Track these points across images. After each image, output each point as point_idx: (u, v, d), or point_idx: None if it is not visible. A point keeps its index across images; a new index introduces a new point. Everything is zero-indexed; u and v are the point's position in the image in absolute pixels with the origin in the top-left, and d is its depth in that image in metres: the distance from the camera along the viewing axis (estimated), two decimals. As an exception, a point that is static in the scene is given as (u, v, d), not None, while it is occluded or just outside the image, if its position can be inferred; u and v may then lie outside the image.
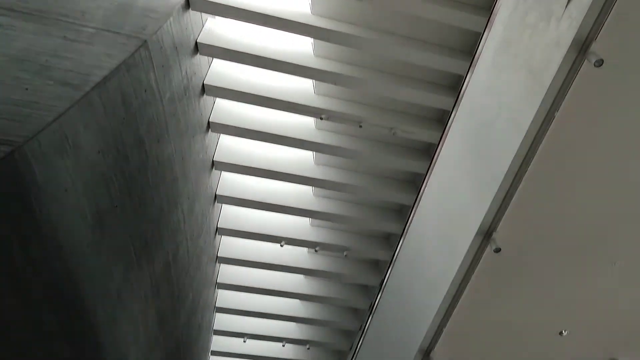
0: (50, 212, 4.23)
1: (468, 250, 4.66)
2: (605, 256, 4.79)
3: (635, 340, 5.50)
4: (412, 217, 6.18)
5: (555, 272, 4.86)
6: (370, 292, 11.92)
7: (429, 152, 9.48)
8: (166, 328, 7.70)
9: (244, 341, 12.65)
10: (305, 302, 12.35)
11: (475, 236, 4.56)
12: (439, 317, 5.18)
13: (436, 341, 5.28)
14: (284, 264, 11.18)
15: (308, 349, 12.98)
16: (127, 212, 5.66)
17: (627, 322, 5.32)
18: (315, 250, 11.07)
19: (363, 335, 7.48)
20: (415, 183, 10.16)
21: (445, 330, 5.19)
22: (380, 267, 11.54)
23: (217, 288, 11.61)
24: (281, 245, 10.82)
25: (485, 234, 4.52)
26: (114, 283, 5.75)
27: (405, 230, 6.35)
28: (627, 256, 4.81)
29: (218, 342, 12.92)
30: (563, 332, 5.30)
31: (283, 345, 12.86)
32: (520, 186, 4.15)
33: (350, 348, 12.65)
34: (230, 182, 10.02)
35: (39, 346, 4.81)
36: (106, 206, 5.20)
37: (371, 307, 7.38)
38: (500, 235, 4.43)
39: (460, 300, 5.02)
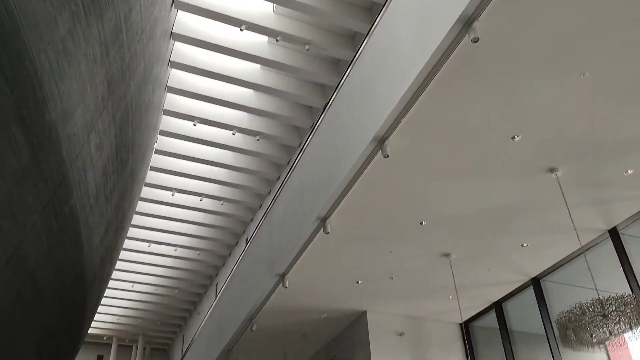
0: None
1: (444, 39, 4.43)
2: (576, 66, 4.70)
3: (576, 152, 5.71)
4: (386, 8, 5.79)
5: (523, 75, 4.76)
6: (327, 92, 11.81)
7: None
8: (115, 94, 7.41)
9: (194, 125, 12.60)
10: (259, 93, 12.18)
11: (454, 24, 4.30)
12: (399, 108, 5.11)
13: (392, 130, 5.28)
14: (242, 51, 10.74)
15: (257, 140, 13.14)
16: (73, -49, 4.99)
17: (573, 133, 5.46)
18: (277, 40, 10.59)
19: (314, 129, 7.47)
20: (391, -20, 9.49)
21: (403, 120, 5.17)
22: (341, 67, 11.29)
23: (170, 67, 11.17)
24: (241, 30, 10.26)
25: (466, 23, 4.26)
26: (58, 33, 5.28)
27: (376, 23, 5.98)
28: (597, 69, 4.74)
29: (167, 123, 12.83)
30: (516, 137, 5.40)
31: (233, 134, 12.93)
32: (516, -29, 3.82)
33: (299, 145, 12.91)
34: (191, -51, 9.05)
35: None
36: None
37: (327, 103, 7.27)
38: (480, 25, 4.19)
39: (424, 92, 4.93)
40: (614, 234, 7.17)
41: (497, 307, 8.96)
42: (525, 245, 7.38)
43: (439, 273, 7.86)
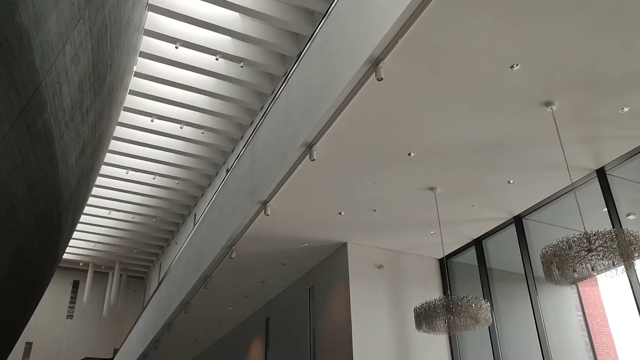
0: None
1: (451, -49, 4.12)
2: (587, -11, 4.44)
3: (574, 85, 5.52)
4: None
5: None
6: (316, 19, 11.35)
7: None
8: (92, 5, 6.93)
9: (176, 47, 12.09)
10: (245, 17, 11.65)
11: None
12: (397, 28, 4.83)
13: (388, 52, 5.01)
14: (229, -31, 10.17)
15: (242, 67, 12.69)
16: None
17: (575, 65, 5.25)
18: (265, -41, 10.03)
19: (304, 51, 7.13)
20: None
21: (400, 41, 4.89)
22: (331, -7, 10.79)
23: (152, -18, 10.57)
24: (228, -55, 9.68)
25: None
26: None
27: None
28: (609, -6, 4.49)
29: (148, 44, 12.28)
30: (515, 66, 5.18)
31: (216, 59, 12.46)
32: None
33: (285, 74, 12.52)
34: None
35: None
36: None
37: (319, 23, 6.90)
38: None
39: (423, 12, 4.64)
40: (601, 174, 7.12)
41: (477, 244, 9.00)
42: (511, 182, 7.30)
43: (423, 207, 7.78)
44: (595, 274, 5.24)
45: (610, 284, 11.59)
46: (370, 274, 8.89)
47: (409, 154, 6.59)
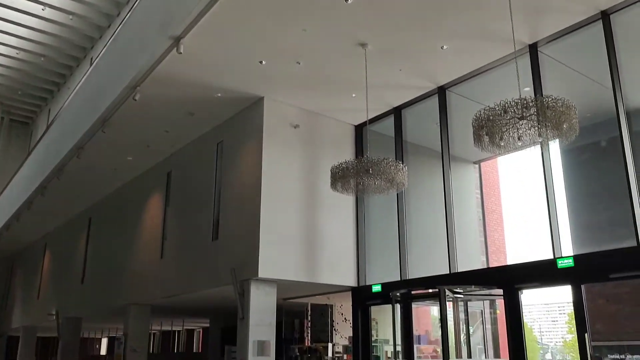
0: None
1: None
2: None
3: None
4: None
5: None
6: None
7: None
8: None
9: None
10: None
11: None
12: None
13: None
14: None
15: None
16: None
17: None
18: None
19: None
20: None
21: None
22: None
23: None
24: None
25: None
26: None
27: None
28: None
29: None
30: None
31: None
32: None
33: None
34: None
35: None
36: None
37: None
38: None
39: None
40: (532, 49, 6.97)
41: (397, 112, 8.80)
42: (444, 47, 6.98)
43: (350, 65, 7.33)
44: (520, 144, 5.17)
45: (507, 167, 12.24)
46: (285, 133, 8.51)
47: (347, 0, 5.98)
